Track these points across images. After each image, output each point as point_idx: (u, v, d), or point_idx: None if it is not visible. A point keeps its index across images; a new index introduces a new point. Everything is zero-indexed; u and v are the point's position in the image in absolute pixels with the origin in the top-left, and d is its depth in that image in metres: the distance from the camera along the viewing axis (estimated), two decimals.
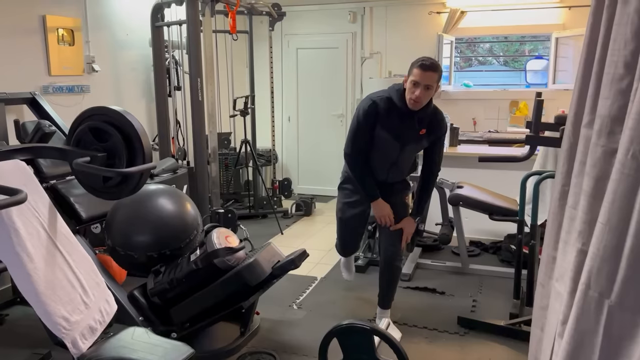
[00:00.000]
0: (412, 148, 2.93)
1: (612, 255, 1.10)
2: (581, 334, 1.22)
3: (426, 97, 2.69)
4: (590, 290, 1.18)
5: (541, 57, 6.38)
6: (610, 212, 1.09)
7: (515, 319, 3.09)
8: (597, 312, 1.16)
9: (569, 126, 1.46)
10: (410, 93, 2.68)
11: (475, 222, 4.45)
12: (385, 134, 2.81)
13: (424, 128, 2.83)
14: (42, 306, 1.83)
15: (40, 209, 2.01)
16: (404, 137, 2.83)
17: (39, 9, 3.85)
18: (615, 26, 1.24)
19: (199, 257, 2.73)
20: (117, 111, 2.13)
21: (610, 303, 1.11)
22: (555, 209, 1.53)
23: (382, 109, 2.76)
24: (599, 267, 1.14)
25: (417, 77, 2.64)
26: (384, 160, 2.93)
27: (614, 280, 1.09)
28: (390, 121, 2.78)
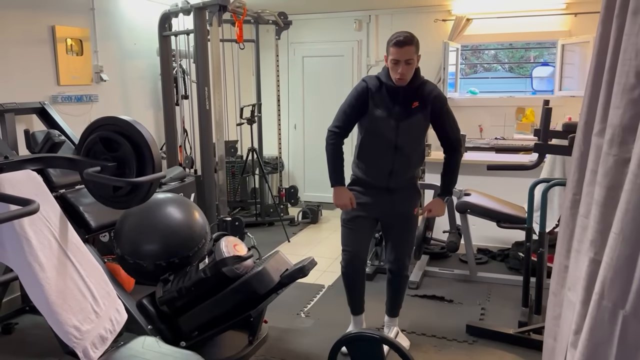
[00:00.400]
0: (409, 125, 2.74)
1: (625, 266, 1.10)
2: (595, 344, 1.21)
3: (410, 71, 2.67)
4: (604, 300, 1.17)
5: (547, 64, 6.39)
6: (624, 222, 1.09)
7: (524, 327, 3.08)
8: (611, 322, 1.16)
9: (580, 135, 1.46)
10: (393, 73, 2.67)
11: (483, 230, 4.44)
12: (379, 112, 2.73)
13: (415, 101, 2.73)
14: (54, 315, 1.84)
15: (52, 218, 2.02)
16: (397, 113, 2.72)
17: (48, 20, 3.90)
18: (626, 36, 1.24)
19: (207, 266, 2.74)
20: (126, 121, 2.15)
21: (625, 313, 1.11)
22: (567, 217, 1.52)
23: (372, 86, 2.75)
24: (613, 277, 1.13)
25: (395, 55, 2.63)
26: (385, 144, 2.77)
27: (628, 290, 1.09)
28: (382, 98, 2.73)
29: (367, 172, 2.86)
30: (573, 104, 5.41)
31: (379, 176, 2.83)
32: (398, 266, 2.95)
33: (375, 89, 2.74)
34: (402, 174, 2.82)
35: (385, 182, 2.82)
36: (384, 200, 2.85)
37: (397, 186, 2.84)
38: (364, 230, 2.91)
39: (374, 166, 2.84)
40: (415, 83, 2.74)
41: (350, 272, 2.95)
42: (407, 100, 2.72)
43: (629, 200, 1.08)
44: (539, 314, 3.23)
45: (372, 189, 2.86)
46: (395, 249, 2.94)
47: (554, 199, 3.54)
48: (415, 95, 2.73)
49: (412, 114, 2.72)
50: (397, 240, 2.93)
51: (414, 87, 2.73)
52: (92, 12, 4.26)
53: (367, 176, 2.86)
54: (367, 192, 2.87)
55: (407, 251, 2.95)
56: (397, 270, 2.96)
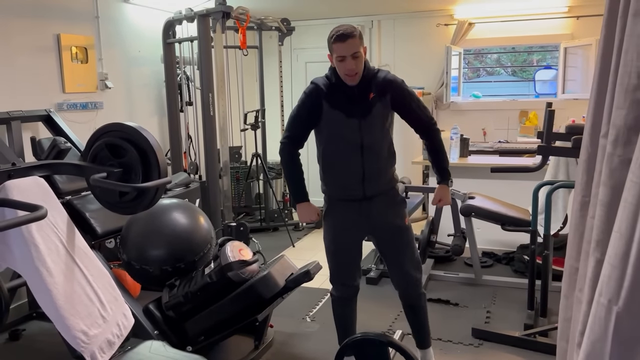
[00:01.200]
0: (372, 120, 2.44)
1: (620, 262, 1.11)
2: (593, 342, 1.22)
3: (359, 65, 2.37)
4: (601, 297, 1.19)
5: (550, 67, 6.39)
6: (621, 220, 1.10)
7: (530, 330, 3.07)
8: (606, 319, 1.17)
9: (587, 137, 1.47)
10: (342, 70, 2.37)
11: (488, 233, 4.44)
12: (337, 114, 2.44)
13: (370, 92, 2.43)
14: (62, 320, 1.86)
15: (59, 224, 2.04)
16: (356, 109, 2.43)
17: (53, 28, 3.93)
18: (627, 37, 1.25)
19: (213, 271, 2.75)
20: (132, 127, 2.17)
21: (618, 309, 1.12)
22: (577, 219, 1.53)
23: (323, 86, 2.45)
24: (609, 274, 1.15)
25: (340, 51, 2.33)
26: (350, 147, 2.46)
27: (621, 286, 1.10)
28: (335, 97, 2.44)
29: (337, 185, 2.55)
30: (576, 106, 5.41)
31: (352, 185, 2.50)
32: (407, 284, 2.61)
33: (328, 90, 2.45)
34: (376, 176, 2.50)
35: (360, 190, 2.49)
36: (366, 212, 2.52)
37: (375, 192, 2.51)
38: (350, 254, 2.62)
39: (343, 175, 2.52)
40: (368, 75, 2.44)
41: (342, 304, 2.70)
42: (363, 94, 2.43)
43: (626, 198, 1.09)
44: (544, 317, 3.23)
45: (348, 203, 2.53)
46: (397, 267, 2.61)
47: (558, 201, 3.54)
48: (370, 85, 2.43)
49: (371, 106, 2.43)
50: (396, 257, 2.60)
51: (368, 80, 2.44)
52: (97, 20, 4.30)
53: (339, 189, 2.55)
54: (345, 208, 2.54)
55: (412, 265, 2.60)
56: (410, 291, 2.62)
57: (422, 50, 6.03)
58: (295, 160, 2.62)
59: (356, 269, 2.67)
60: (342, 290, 2.67)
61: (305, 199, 2.60)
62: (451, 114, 6.05)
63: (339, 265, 2.63)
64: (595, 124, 1.44)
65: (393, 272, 2.64)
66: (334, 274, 2.65)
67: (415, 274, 2.61)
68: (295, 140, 2.57)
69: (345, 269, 2.63)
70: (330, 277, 2.67)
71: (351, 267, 2.64)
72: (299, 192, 2.61)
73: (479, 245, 4.16)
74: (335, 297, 2.70)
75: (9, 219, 1.63)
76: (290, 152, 2.60)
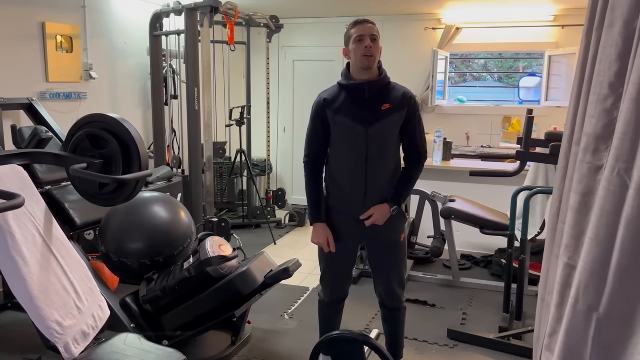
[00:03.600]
0: (381, 130, 2.35)
1: (599, 270, 1.14)
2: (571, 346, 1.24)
3: (376, 49, 2.31)
4: (579, 304, 1.21)
5: (534, 75, 6.48)
6: (598, 227, 1.13)
7: (504, 333, 3.12)
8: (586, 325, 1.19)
9: (565, 144, 1.50)
10: (360, 50, 2.29)
11: (467, 236, 4.50)
12: (343, 119, 2.36)
13: (385, 103, 2.35)
14: (36, 310, 1.84)
15: (37, 213, 2.02)
16: (364, 116, 2.33)
17: (38, 16, 3.89)
18: (602, 48, 1.28)
19: (192, 265, 2.74)
20: (114, 119, 2.16)
21: (599, 316, 1.14)
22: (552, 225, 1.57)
23: (329, 96, 2.41)
24: (587, 281, 1.17)
25: (359, 31, 2.31)
26: (354, 157, 2.38)
27: (602, 294, 1.12)
28: (343, 103, 2.37)
29: (338, 199, 2.48)
30: (559, 114, 5.50)
31: (353, 202, 2.43)
32: (391, 299, 2.60)
33: (334, 97, 2.39)
34: (378, 194, 2.41)
35: (361, 208, 2.42)
36: (361, 228, 2.45)
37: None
38: (342, 261, 2.57)
39: (345, 190, 2.45)
40: (383, 81, 2.38)
41: (329, 309, 2.68)
42: (375, 100, 2.35)
43: (603, 206, 1.12)
44: (519, 320, 3.28)
45: (347, 217, 2.47)
46: (383, 281, 2.57)
47: (537, 206, 3.60)
48: (384, 95, 2.37)
49: (383, 116, 2.34)
50: (384, 272, 2.56)
51: (382, 86, 2.37)
52: (83, 9, 4.26)
53: (340, 203, 2.48)
54: (342, 219, 2.48)
55: (397, 282, 2.57)
56: (390, 303, 2.61)
57: (409, 53, 6.07)
58: (319, 180, 2.51)
59: (347, 277, 2.65)
60: (330, 296, 2.64)
61: (322, 220, 2.49)
62: (436, 117, 6.10)
63: (330, 271, 2.60)
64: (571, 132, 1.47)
65: (378, 284, 2.60)
66: (324, 279, 2.62)
67: (399, 290, 2.59)
68: (315, 157, 2.48)
69: (336, 276, 2.61)
70: (321, 280, 2.64)
71: (342, 275, 2.62)
72: (317, 212, 2.49)
73: (458, 248, 4.20)
74: (323, 301, 2.67)
75: None
76: (313, 171, 2.49)
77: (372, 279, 2.63)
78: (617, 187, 1.08)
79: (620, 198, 1.08)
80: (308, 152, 2.49)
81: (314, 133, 2.45)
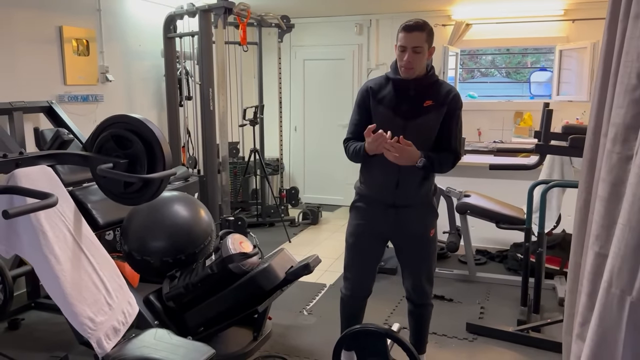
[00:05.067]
0: (420, 125, 2.36)
1: (632, 254, 1.16)
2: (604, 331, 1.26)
3: (418, 61, 2.30)
4: (612, 288, 1.22)
5: (545, 69, 6.47)
6: (631, 213, 1.15)
7: (523, 325, 3.14)
8: (619, 308, 1.21)
9: (590, 137, 1.51)
10: (400, 60, 2.32)
11: (482, 231, 4.50)
12: (382, 109, 2.38)
13: (428, 100, 2.36)
14: (69, 307, 1.89)
15: (66, 212, 2.07)
16: (405, 110, 2.35)
17: (55, 20, 3.95)
18: (628, 39, 1.30)
19: (214, 262, 2.78)
20: (138, 119, 2.20)
21: (632, 299, 1.16)
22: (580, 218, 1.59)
23: (375, 85, 2.43)
24: (620, 266, 1.19)
25: (402, 41, 2.30)
26: None
27: (635, 277, 1.14)
28: (387, 95, 2.38)
29: (370, 185, 2.48)
30: (570, 108, 5.49)
31: (384, 190, 2.42)
32: (418, 295, 2.57)
33: (379, 87, 2.42)
34: (410, 187, 2.40)
35: (391, 197, 2.41)
36: (392, 218, 2.44)
37: (406, 203, 2.42)
38: (369, 252, 2.53)
39: (377, 178, 2.44)
40: (430, 79, 2.39)
41: (351, 304, 2.63)
42: (418, 97, 2.36)
43: (635, 192, 1.14)
44: (537, 313, 3.30)
45: (376, 205, 2.46)
46: (411, 276, 2.55)
47: (553, 200, 3.61)
48: (429, 93, 2.37)
49: (424, 112, 2.35)
50: (412, 267, 2.54)
51: (428, 84, 2.38)
52: (99, 13, 4.31)
53: (371, 190, 2.47)
54: (371, 208, 2.48)
55: (425, 278, 2.54)
56: (417, 299, 2.59)
57: None
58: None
59: (371, 271, 2.57)
60: (353, 289, 2.57)
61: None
62: None
63: (355, 262, 2.54)
64: (597, 124, 1.49)
65: (407, 280, 2.57)
66: (348, 270, 2.57)
67: (428, 287, 2.56)
68: (357, 136, 2.46)
69: (361, 268, 2.54)
70: (344, 271, 2.59)
71: (367, 268, 2.56)
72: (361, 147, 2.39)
73: (473, 243, 4.22)
74: (345, 295, 2.60)
75: (20, 206, 1.66)
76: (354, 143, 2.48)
77: (401, 272, 2.61)
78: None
79: None
80: (349, 137, 2.52)
81: (357, 118, 2.48)
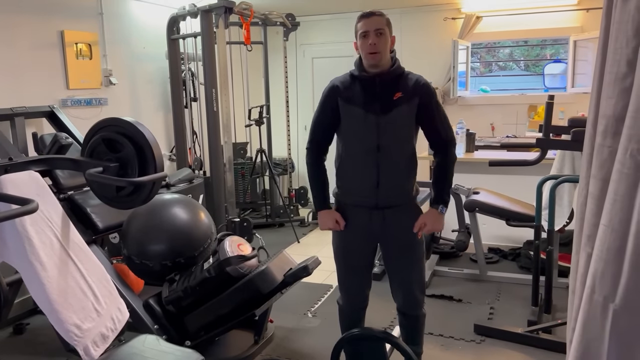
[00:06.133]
0: (393, 120, 2.27)
1: (615, 258, 1.07)
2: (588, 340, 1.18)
3: (382, 44, 2.23)
4: (595, 294, 1.15)
5: (559, 61, 6.30)
6: (612, 213, 1.06)
7: (533, 326, 3.03)
8: (602, 317, 1.13)
9: (590, 129, 1.43)
10: (365, 48, 2.24)
11: (493, 229, 4.40)
12: (352, 108, 2.30)
13: (397, 92, 2.27)
14: (55, 314, 1.87)
15: (54, 218, 2.04)
16: (375, 104, 2.26)
17: (57, 25, 3.95)
18: (616, 24, 1.21)
19: (211, 265, 2.74)
20: (129, 122, 2.18)
21: (615, 307, 1.08)
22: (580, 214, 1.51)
23: (340, 84, 2.35)
24: (603, 270, 1.11)
25: (363, 27, 2.24)
26: (365, 147, 2.29)
27: (617, 282, 1.06)
28: (353, 91, 2.31)
29: (349, 189, 2.39)
30: (586, 100, 5.28)
31: (364, 191, 2.33)
32: (410, 305, 2.47)
33: (346, 86, 2.34)
34: (391, 184, 2.31)
35: (373, 197, 2.31)
36: (376, 221, 2.36)
37: (389, 203, 2.33)
38: (359, 263, 2.46)
39: (355, 179, 2.35)
40: (396, 71, 2.31)
41: (349, 315, 2.58)
42: (386, 90, 2.28)
43: (616, 190, 1.05)
44: (548, 313, 3.19)
45: (358, 209, 2.38)
46: (401, 285, 2.44)
47: (564, 195, 3.48)
48: (397, 85, 2.29)
49: (395, 105, 2.27)
50: (401, 274, 2.43)
51: (395, 76, 2.30)
52: (101, 16, 4.31)
53: (350, 194, 2.39)
54: (354, 214, 2.39)
55: (418, 286, 2.43)
56: (408, 310, 2.48)
57: (429, 44, 5.97)
58: (320, 165, 2.45)
59: (365, 279, 2.51)
60: (348, 300, 2.53)
61: (327, 207, 2.44)
62: (459, 108, 5.99)
63: (346, 272, 2.49)
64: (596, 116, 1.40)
65: (396, 287, 2.47)
66: (341, 280, 2.52)
67: (419, 294, 2.45)
68: (319, 144, 2.43)
69: (353, 277, 2.49)
70: (338, 284, 2.55)
71: (359, 276, 2.49)
72: (320, 199, 2.45)
73: (485, 241, 4.12)
74: (342, 307, 2.57)
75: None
76: (314, 157, 2.45)
77: (389, 283, 2.49)
78: (630, 170, 1.01)
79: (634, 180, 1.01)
80: (312, 137, 2.44)
81: (321, 118, 2.41)
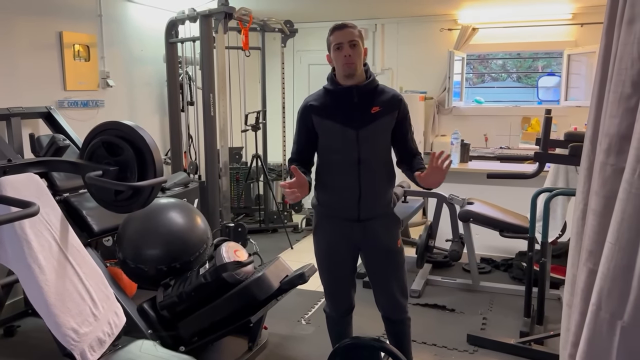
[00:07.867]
0: (373, 132, 2.28)
1: (622, 276, 1.09)
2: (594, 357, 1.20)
3: (356, 55, 2.23)
4: (601, 311, 1.16)
5: (553, 74, 6.38)
6: (619, 231, 1.08)
7: (525, 338, 3.05)
8: (609, 334, 1.14)
9: (588, 145, 1.45)
10: (339, 59, 2.24)
11: (486, 239, 4.42)
12: (329, 124, 2.29)
13: (375, 106, 2.28)
14: (52, 317, 1.85)
15: (52, 221, 2.04)
16: (354, 118, 2.26)
17: (55, 26, 3.94)
18: (622, 46, 1.24)
19: (207, 271, 2.74)
20: (129, 126, 2.17)
21: (623, 324, 1.09)
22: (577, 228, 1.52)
23: (316, 101, 2.35)
24: (610, 287, 1.12)
25: (337, 39, 2.24)
26: (346, 161, 2.29)
27: (626, 300, 1.08)
28: (331, 107, 2.30)
29: (331, 204, 2.38)
30: (579, 114, 5.40)
31: (347, 206, 2.33)
32: (394, 310, 2.47)
33: (320, 102, 2.33)
34: (374, 197, 2.32)
35: (355, 211, 2.32)
36: (358, 231, 2.36)
37: (371, 215, 2.34)
38: (342, 272, 2.47)
39: (338, 194, 2.35)
40: (371, 85, 2.31)
41: (336, 322, 2.58)
42: (364, 104, 2.28)
43: (624, 209, 1.07)
44: (541, 324, 3.21)
45: (340, 222, 2.37)
46: (385, 292, 2.45)
47: (557, 208, 3.51)
48: (374, 99, 2.30)
49: (374, 119, 2.27)
50: (385, 281, 2.43)
51: (371, 88, 2.31)
52: (100, 18, 4.30)
53: (332, 209, 2.38)
54: (335, 224, 2.39)
55: (400, 291, 2.44)
56: (395, 315, 2.49)
57: (425, 54, 6.02)
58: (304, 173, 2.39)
59: (349, 285, 2.52)
60: (335, 308, 2.54)
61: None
62: (453, 119, 6.04)
63: (330, 280, 2.50)
64: (595, 132, 1.43)
65: (379, 294, 2.48)
66: (326, 289, 2.53)
67: (402, 299, 2.46)
68: (300, 161, 2.39)
69: (337, 284, 2.50)
70: (324, 292, 2.55)
71: (344, 283, 2.50)
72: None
73: (478, 251, 4.14)
74: (329, 314, 2.58)
75: (0, 215, 1.63)
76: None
77: (372, 291, 2.49)
78: (639, 190, 1.04)
79: None
80: (293, 156, 2.42)
81: (297, 138, 2.41)
